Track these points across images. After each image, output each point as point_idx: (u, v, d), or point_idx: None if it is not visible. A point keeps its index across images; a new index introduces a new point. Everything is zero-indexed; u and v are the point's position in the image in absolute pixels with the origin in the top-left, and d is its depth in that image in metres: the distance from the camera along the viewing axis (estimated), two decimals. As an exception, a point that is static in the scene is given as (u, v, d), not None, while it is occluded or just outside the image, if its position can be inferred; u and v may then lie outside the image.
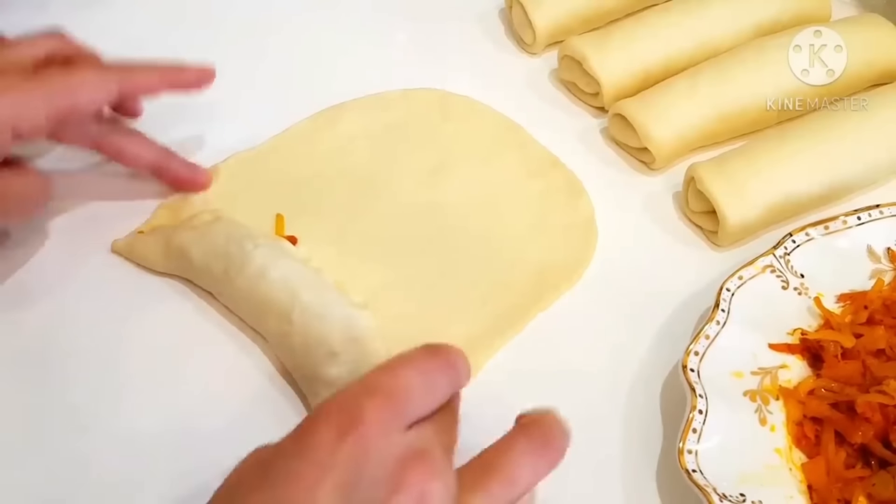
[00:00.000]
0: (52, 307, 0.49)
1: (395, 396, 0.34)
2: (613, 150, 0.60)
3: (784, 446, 0.44)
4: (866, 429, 0.43)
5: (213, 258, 0.48)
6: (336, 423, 0.32)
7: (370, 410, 0.33)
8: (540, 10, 0.63)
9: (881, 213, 0.52)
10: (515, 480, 0.35)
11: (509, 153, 0.58)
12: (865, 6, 0.68)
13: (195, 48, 0.62)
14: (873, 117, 0.57)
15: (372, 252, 0.52)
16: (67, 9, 0.63)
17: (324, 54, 0.63)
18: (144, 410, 0.46)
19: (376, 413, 0.33)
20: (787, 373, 0.47)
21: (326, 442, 0.32)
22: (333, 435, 0.32)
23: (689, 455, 0.42)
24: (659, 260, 0.54)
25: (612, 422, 0.47)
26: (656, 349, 0.50)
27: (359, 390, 0.34)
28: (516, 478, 0.35)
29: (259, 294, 0.46)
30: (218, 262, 0.48)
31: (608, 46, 0.60)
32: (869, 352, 0.46)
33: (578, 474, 0.45)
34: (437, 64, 0.64)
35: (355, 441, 0.32)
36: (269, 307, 0.46)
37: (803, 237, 0.51)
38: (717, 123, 0.58)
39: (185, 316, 0.50)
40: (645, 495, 0.45)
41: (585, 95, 0.62)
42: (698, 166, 0.54)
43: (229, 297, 0.48)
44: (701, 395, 0.44)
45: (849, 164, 0.56)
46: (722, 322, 0.47)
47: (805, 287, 0.50)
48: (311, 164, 0.57)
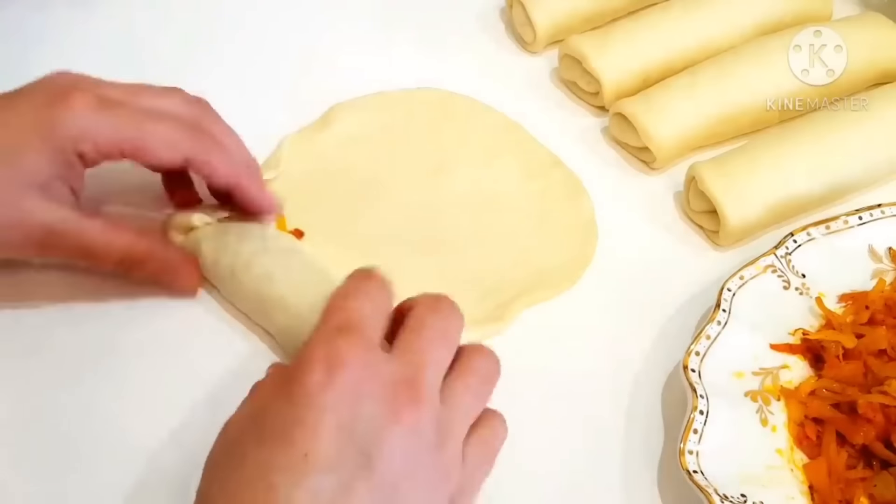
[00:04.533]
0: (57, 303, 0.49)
1: (361, 327, 0.36)
2: (614, 150, 0.60)
3: (785, 447, 0.44)
4: (868, 429, 0.43)
5: (222, 255, 0.48)
6: (321, 367, 0.34)
7: (347, 348, 0.35)
8: (540, 9, 0.63)
9: (882, 212, 0.52)
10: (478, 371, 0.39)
11: (510, 153, 0.58)
12: (867, 5, 0.68)
13: (194, 48, 0.62)
14: (874, 117, 0.57)
15: (372, 252, 0.52)
16: (67, 9, 0.63)
17: (323, 54, 0.63)
18: (149, 409, 0.46)
19: (353, 350, 0.35)
20: (788, 373, 0.47)
21: (317, 386, 0.34)
22: (321, 378, 0.34)
23: (690, 456, 0.42)
24: (659, 260, 0.54)
25: (613, 422, 0.47)
26: (657, 349, 0.50)
27: (329, 333, 0.35)
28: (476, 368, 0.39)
29: (264, 290, 0.46)
30: (226, 258, 0.48)
31: (609, 45, 0.60)
32: (870, 352, 0.46)
33: (579, 474, 0.45)
34: (437, 63, 0.64)
35: (344, 380, 0.34)
36: (275, 303, 0.46)
37: (804, 237, 0.51)
38: (718, 123, 0.58)
39: (193, 313, 0.49)
40: (645, 496, 0.44)
41: (586, 95, 0.62)
42: (699, 166, 0.54)
43: (236, 293, 0.48)
44: (702, 396, 0.44)
45: (850, 163, 0.56)
46: (723, 322, 0.47)
47: (806, 287, 0.50)
48: (311, 163, 0.57)
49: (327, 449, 0.33)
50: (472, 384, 0.38)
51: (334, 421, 0.33)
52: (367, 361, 0.35)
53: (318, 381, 0.34)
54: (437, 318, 0.39)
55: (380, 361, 0.36)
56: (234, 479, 0.34)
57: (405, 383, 0.35)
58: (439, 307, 0.39)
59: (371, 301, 0.38)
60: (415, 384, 0.35)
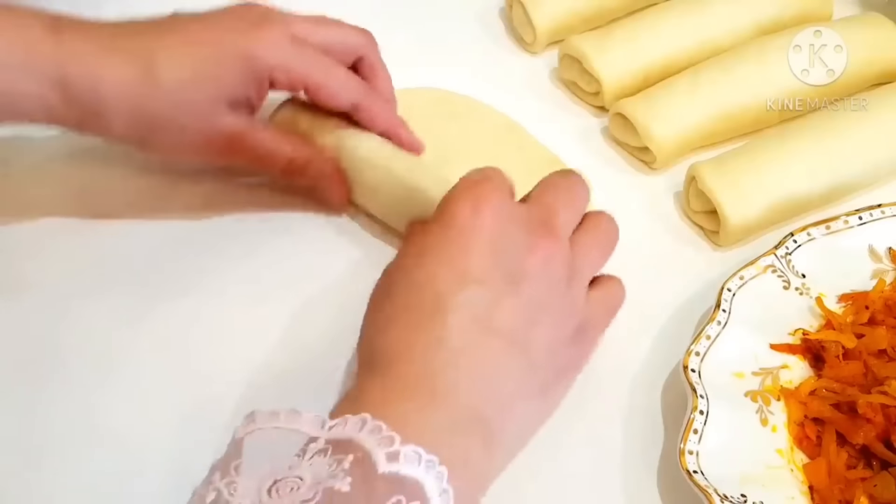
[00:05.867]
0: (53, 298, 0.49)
1: (498, 180, 0.42)
2: (614, 150, 0.60)
3: (785, 447, 0.44)
4: (868, 429, 0.43)
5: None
6: (467, 205, 0.40)
7: (489, 191, 0.41)
8: (540, 9, 0.63)
9: (882, 212, 0.52)
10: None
11: (510, 153, 0.58)
12: (867, 5, 0.68)
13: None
14: (874, 117, 0.57)
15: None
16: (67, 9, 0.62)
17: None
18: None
19: (495, 193, 0.41)
20: (788, 373, 0.47)
21: (467, 214, 0.40)
22: (469, 209, 0.40)
23: (690, 456, 0.42)
24: (659, 260, 0.54)
25: (613, 422, 0.47)
26: (657, 349, 0.50)
27: (470, 182, 0.41)
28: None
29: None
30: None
31: (609, 45, 0.60)
32: (870, 352, 0.46)
33: (579, 474, 0.45)
34: (436, 63, 0.64)
35: (490, 212, 0.40)
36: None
37: (805, 237, 0.51)
38: (719, 123, 0.58)
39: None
40: (645, 496, 0.44)
41: (586, 94, 0.62)
42: (699, 166, 0.54)
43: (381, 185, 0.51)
44: (702, 396, 0.44)
45: (850, 163, 0.56)
46: (723, 322, 0.47)
47: (806, 287, 0.50)
48: None
49: (480, 266, 0.39)
50: (597, 238, 0.44)
51: (485, 244, 0.39)
52: (505, 202, 0.41)
53: (466, 211, 0.40)
54: (566, 180, 0.45)
55: (516, 205, 0.42)
56: (401, 291, 0.40)
57: (541, 221, 0.41)
58: (568, 174, 0.45)
59: (501, 174, 0.43)
60: (549, 222, 0.41)
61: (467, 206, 0.40)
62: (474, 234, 0.39)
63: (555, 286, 0.41)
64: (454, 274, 0.39)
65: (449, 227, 0.40)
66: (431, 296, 0.38)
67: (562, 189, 0.44)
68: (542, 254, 0.40)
